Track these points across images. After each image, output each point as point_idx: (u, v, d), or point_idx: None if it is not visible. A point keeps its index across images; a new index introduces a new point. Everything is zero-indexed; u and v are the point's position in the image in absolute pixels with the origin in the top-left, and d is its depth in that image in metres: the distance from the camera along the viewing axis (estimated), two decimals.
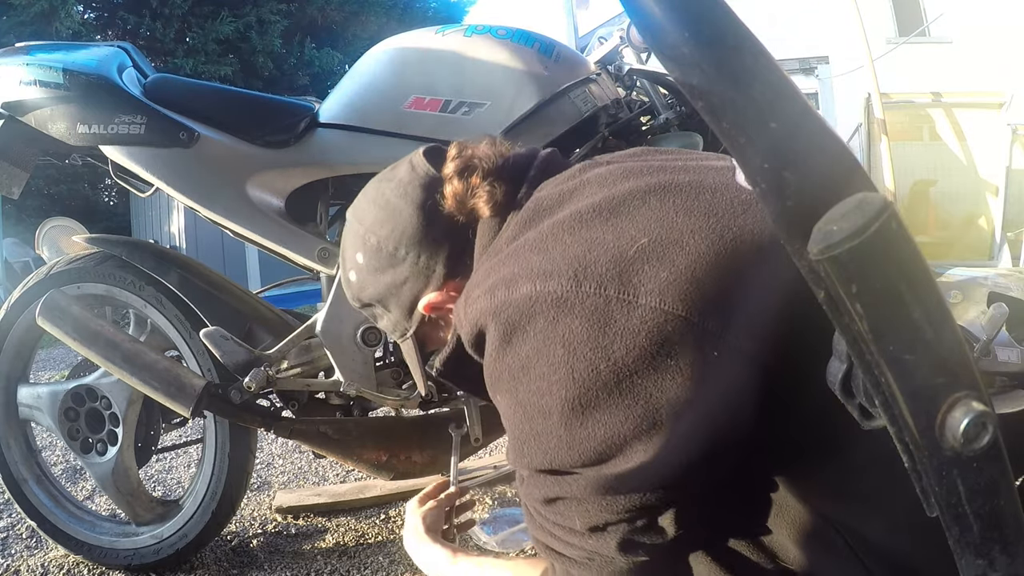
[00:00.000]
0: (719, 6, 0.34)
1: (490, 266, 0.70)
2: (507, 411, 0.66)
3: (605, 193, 0.67)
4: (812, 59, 8.57)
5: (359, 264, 0.83)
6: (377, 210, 0.81)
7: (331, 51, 10.22)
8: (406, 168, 0.81)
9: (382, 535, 1.71)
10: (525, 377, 0.62)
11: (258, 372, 1.33)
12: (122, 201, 9.52)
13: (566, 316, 0.59)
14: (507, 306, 0.62)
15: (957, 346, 0.34)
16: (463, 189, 0.76)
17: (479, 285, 0.68)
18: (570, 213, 0.66)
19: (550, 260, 0.62)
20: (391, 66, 1.42)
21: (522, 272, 0.63)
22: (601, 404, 0.58)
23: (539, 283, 0.61)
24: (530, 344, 0.61)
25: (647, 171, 0.70)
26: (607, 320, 0.57)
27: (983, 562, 0.37)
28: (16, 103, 1.34)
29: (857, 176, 0.34)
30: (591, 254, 0.61)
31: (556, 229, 0.66)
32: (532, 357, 0.61)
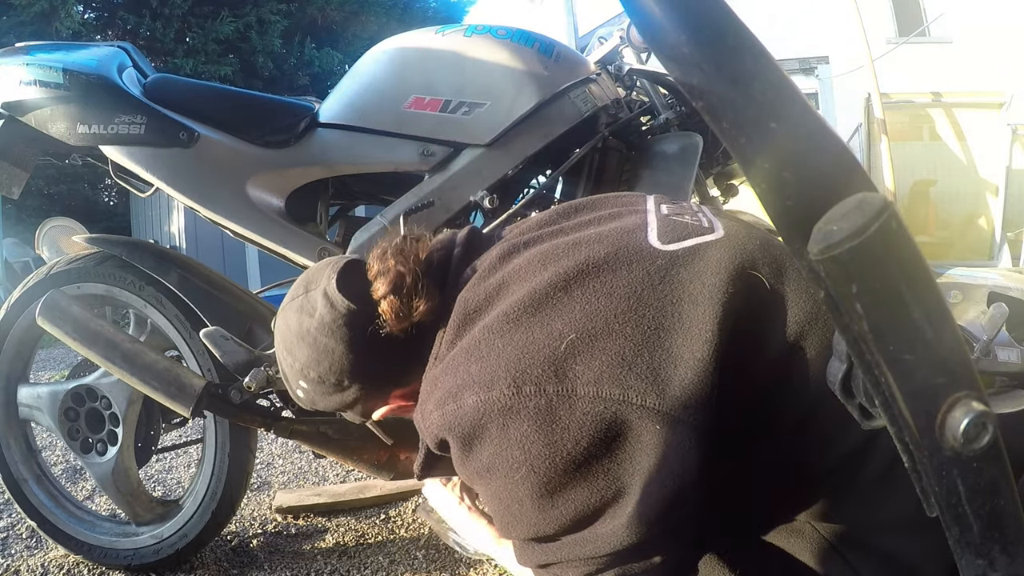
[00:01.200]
0: (719, 6, 0.34)
1: (434, 376, 0.74)
2: (484, 497, 0.72)
3: (528, 288, 0.69)
4: (812, 59, 8.56)
5: (304, 388, 0.85)
6: (308, 349, 0.81)
7: (331, 51, 10.21)
8: (324, 303, 0.79)
9: (382, 535, 1.71)
10: (491, 477, 0.67)
11: (258, 372, 1.33)
12: (122, 201, 9.52)
13: (514, 421, 0.63)
14: (458, 420, 0.67)
15: (957, 346, 0.34)
16: (401, 305, 0.77)
17: (428, 399, 0.72)
18: (498, 315, 0.69)
19: (487, 368, 0.66)
20: (391, 66, 1.42)
21: (464, 383, 0.67)
22: (566, 487, 0.64)
23: (482, 393, 0.65)
24: (488, 450, 0.66)
25: (564, 252, 0.72)
26: (552, 417, 0.62)
27: (983, 562, 0.37)
28: (16, 103, 1.34)
29: (857, 176, 0.34)
30: (525, 357, 0.64)
31: (487, 334, 0.68)
32: (493, 461, 0.66)
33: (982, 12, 7.83)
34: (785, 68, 0.35)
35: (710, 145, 1.50)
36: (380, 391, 0.85)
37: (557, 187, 1.50)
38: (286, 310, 0.85)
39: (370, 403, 0.87)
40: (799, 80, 8.29)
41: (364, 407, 0.87)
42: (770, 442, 0.68)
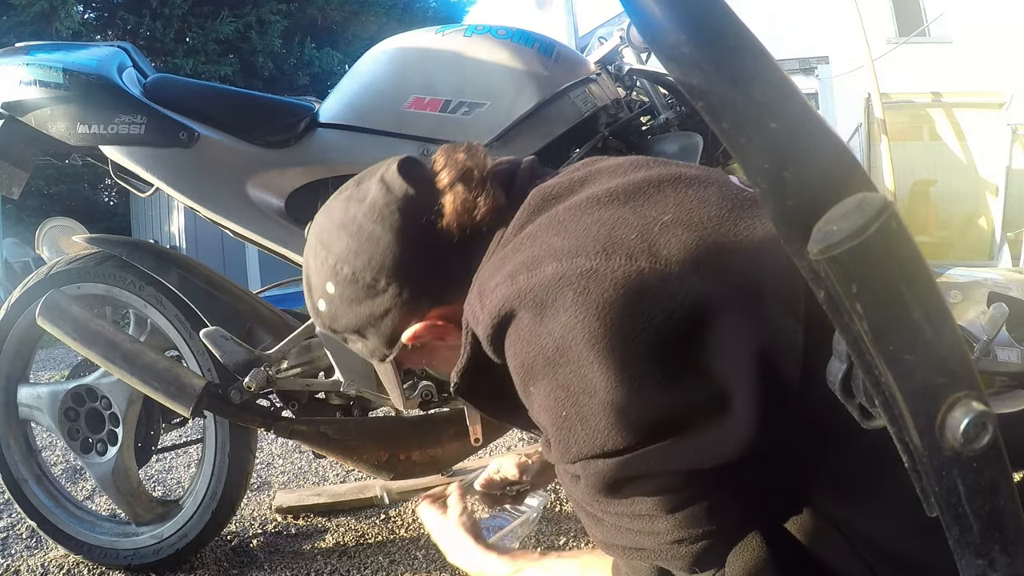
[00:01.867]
0: (719, 6, 0.34)
1: (502, 256, 0.67)
2: (546, 400, 0.62)
3: (619, 180, 0.67)
4: (812, 59, 8.57)
5: (329, 294, 0.75)
6: (348, 237, 0.72)
7: (331, 51, 10.22)
8: (379, 187, 0.72)
9: (382, 535, 1.71)
10: (562, 357, 0.59)
11: (258, 372, 1.33)
12: (122, 201, 9.52)
13: (598, 287, 0.57)
14: (532, 287, 0.60)
15: (957, 346, 0.34)
16: (468, 196, 0.71)
17: (493, 277, 0.65)
18: (586, 196, 0.65)
19: (573, 239, 0.60)
20: (391, 66, 1.42)
21: (543, 254, 0.61)
22: (648, 374, 0.57)
23: (565, 261, 0.59)
24: (563, 321, 0.58)
25: (655, 164, 0.71)
26: (642, 288, 0.56)
27: (983, 562, 0.37)
28: (16, 103, 1.34)
29: (857, 176, 0.34)
30: (616, 231, 0.60)
31: (573, 211, 0.64)
32: (567, 335, 0.58)
33: (982, 12, 7.84)
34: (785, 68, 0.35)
35: (710, 145, 1.50)
36: (417, 303, 0.73)
37: None
38: (329, 204, 0.77)
39: (402, 318, 0.74)
40: (799, 80, 8.29)
41: (394, 323, 0.74)
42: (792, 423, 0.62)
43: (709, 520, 0.62)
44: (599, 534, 0.68)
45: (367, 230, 0.71)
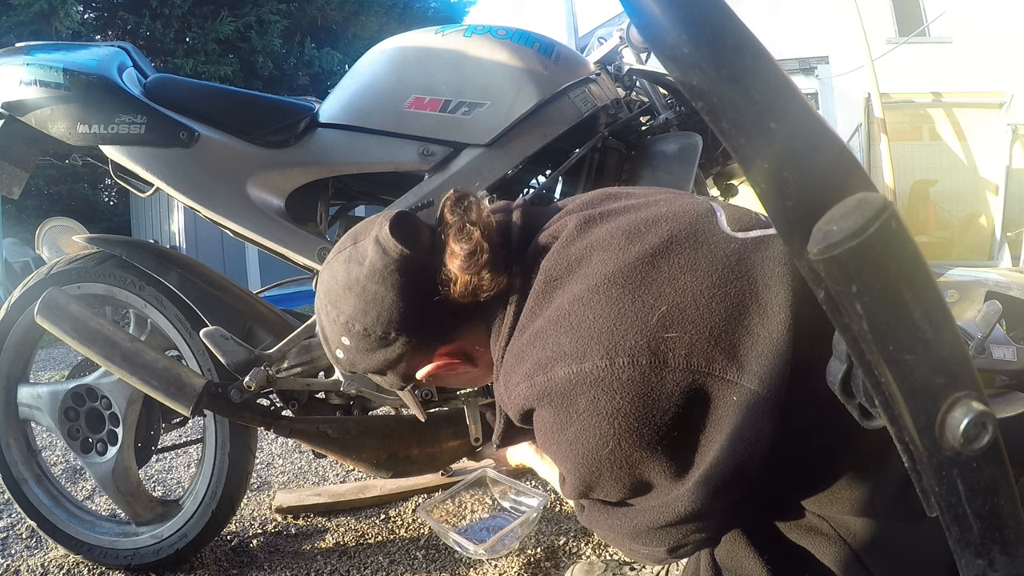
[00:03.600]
0: (719, 6, 0.34)
1: (519, 348, 0.74)
2: (562, 465, 0.74)
3: (616, 263, 0.71)
4: (812, 59, 8.56)
5: (346, 346, 0.83)
6: (355, 298, 0.79)
7: (331, 51, 10.22)
8: (375, 250, 0.78)
9: (382, 535, 1.71)
10: (573, 452, 0.69)
11: (258, 371, 1.33)
12: (122, 201, 9.52)
13: (606, 393, 0.64)
14: (547, 391, 0.68)
15: (957, 346, 0.34)
16: (476, 284, 0.78)
17: (515, 370, 0.73)
18: (587, 288, 0.70)
19: (578, 339, 0.67)
20: (391, 66, 1.42)
21: (554, 355, 0.68)
22: (647, 459, 0.66)
23: (574, 364, 0.66)
24: (577, 424, 0.67)
25: (647, 227, 0.74)
26: (645, 390, 0.64)
27: (983, 562, 0.37)
28: (16, 103, 1.34)
29: (857, 176, 0.34)
30: (618, 328, 0.66)
31: (577, 305, 0.69)
32: (580, 434, 0.67)
33: (982, 12, 7.83)
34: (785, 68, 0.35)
35: (709, 145, 1.50)
36: (426, 347, 0.83)
37: (557, 187, 1.51)
38: (331, 263, 0.84)
39: (415, 360, 0.84)
40: (799, 80, 8.29)
41: (408, 365, 0.84)
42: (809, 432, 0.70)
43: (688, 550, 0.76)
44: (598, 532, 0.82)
45: (370, 291, 0.78)
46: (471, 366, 0.86)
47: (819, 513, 0.74)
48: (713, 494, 0.66)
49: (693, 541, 0.74)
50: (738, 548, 0.76)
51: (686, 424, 0.65)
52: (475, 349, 0.85)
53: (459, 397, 1.45)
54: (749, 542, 0.76)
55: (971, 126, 8.10)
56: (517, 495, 1.67)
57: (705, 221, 0.74)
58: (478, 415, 1.44)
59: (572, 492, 0.76)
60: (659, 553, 0.75)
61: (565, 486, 0.77)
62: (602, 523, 0.77)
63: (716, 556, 0.78)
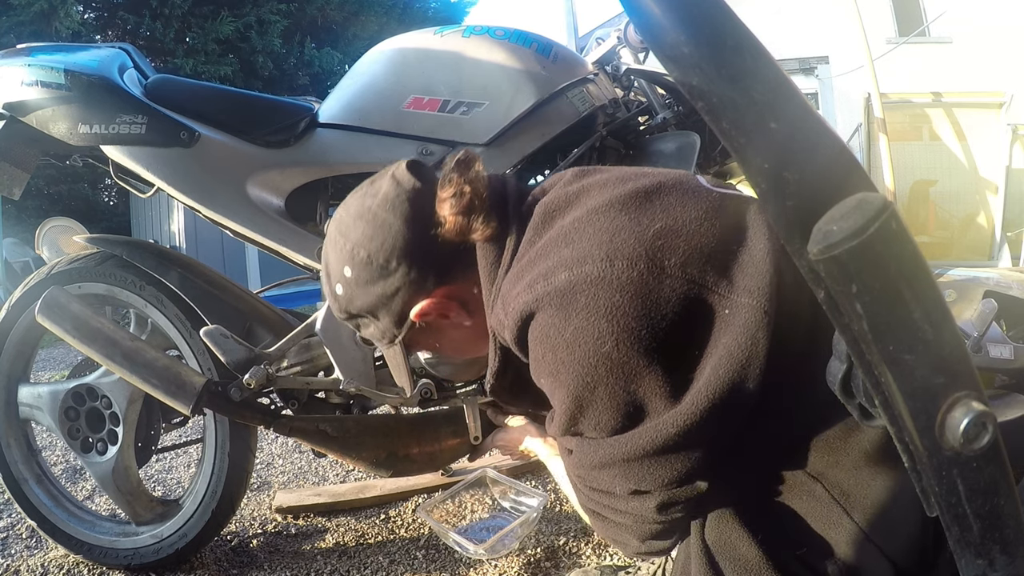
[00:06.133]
0: (719, 6, 0.34)
1: (519, 270, 0.77)
2: (553, 386, 0.74)
3: (612, 192, 0.76)
4: (812, 59, 8.57)
5: (347, 278, 0.85)
6: (364, 224, 0.83)
7: (331, 51, 10.22)
8: (390, 182, 0.83)
9: (382, 535, 1.71)
10: (570, 357, 0.69)
11: (258, 370, 1.33)
12: (122, 201, 9.52)
13: (605, 291, 0.67)
14: (549, 293, 0.70)
15: (957, 346, 0.34)
16: (465, 223, 0.80)
17: (514, 287, 0.75)
18: (586, 211, 0.74)
19: (579, 248, 0.70)
20: (390, 66, 1.42)
21: (556, 264, 0.71)
22: (643, 370, 0.67)
23: (575, 268, 0.69)
24: (575, 322, 0.68)
25: (639, 175, 0.80)
26: (643, 290, 0.66)
27: (983, 562, 0.37)
28: (17, 104, 1.34)
29: (857, 176, 0.34)
30: (617, 238, 0.69)
31: (577, 224, 0.73)
32: (578, 335, 0.68)
33: (982, 12, 7.83)
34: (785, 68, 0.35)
35: (707, 144, 1.50)
36: (423, 281, 0.84)
37: None
38: (347, 201, 0.88)
39: (411, 295, 0.84)
40: (799, 80, 8.29)
41: (404, 301, 0.85)
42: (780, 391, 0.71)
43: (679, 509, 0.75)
44: (580, 499, 0.83)
45: (380, 218, 0.82)
46: (466, 316, 0.87)
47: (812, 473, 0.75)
48: (710, 413, 0.67)
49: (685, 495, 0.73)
50: (729, 529, 0.76)
51: (683, 336, 0.67)
52: (472, 295, 0.86)
53: (458, 396, 1.45)
54: (740, 522, 0.76)
55: (971, 126, 8.10)
56: (517, 495, 1.67)
57: (689, 177, 0.80)
58: (478, 414, 1.44)
59: (561, 421, 0.75)
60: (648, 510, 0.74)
61: (555, 421, 0.77)
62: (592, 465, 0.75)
63: (707, 539, 0.78)
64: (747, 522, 0.76)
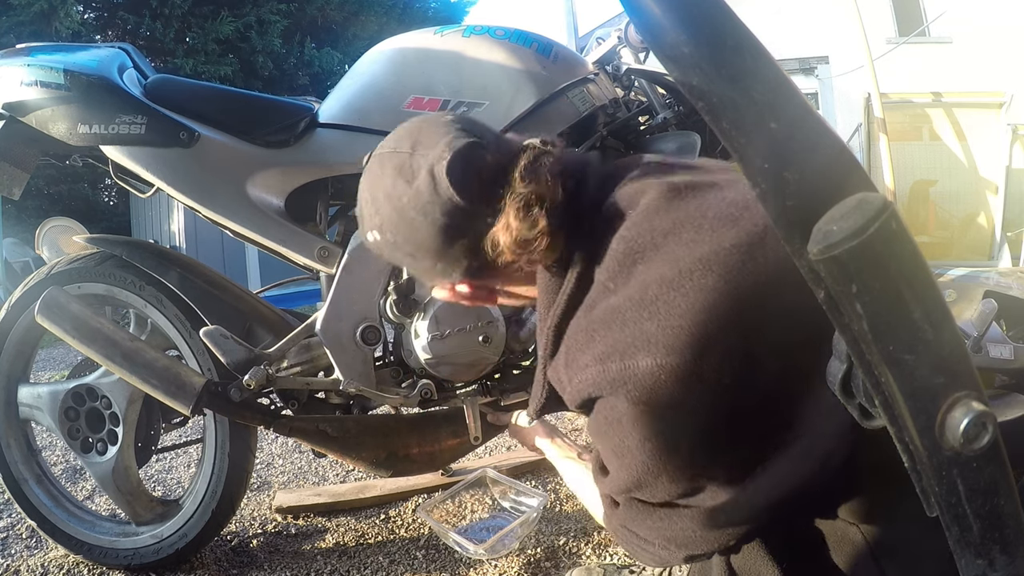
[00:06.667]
0: (719, 6, 0.34)
1: (590, 325, 0.68)
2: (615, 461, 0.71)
3: (710, 246, 0.65)
4: (812, 59, 8.57)
5: (376, 240, 0.81)
6: (393, 211, 0.76)
7: (331, 51, 10.21)
8: (427, 180, 0.73)
9: (382, 535, 1.71)
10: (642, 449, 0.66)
11: (258, 370, 1.33)
12: (122, 201, 9.52)
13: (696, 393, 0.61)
14: (626, 380, 0.63)
15: (957, 346, 0.34)
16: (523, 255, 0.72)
17: (584, 350, 0.68)
18: (678, 272, 0.64)
19: (667, 331, 0.62)
20: (390, 66, 1.42)
21: (638, 342, 0.63)
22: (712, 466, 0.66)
23: (660, 357, 0.61)
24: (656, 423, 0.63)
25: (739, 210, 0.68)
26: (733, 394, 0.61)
27: (983, 562, 0.37)
28: (17, 104, 1.34)
29: (857, 176, 0.34)
30: (712, 326, 0.61)
31: (666, 291, 0.63)
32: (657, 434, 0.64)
33: (982, 12, 7.83)
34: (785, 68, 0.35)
35: (707, 144, 1.50)
36: (449, 276, 0.80)
37: None
38: (383, 159, 0.78)
39: (436, 279, 0.83)
40: (799, 80, 8.29)
41: (428, 279, 0.85)
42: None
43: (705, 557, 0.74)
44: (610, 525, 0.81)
45: (409, 216, 0.74)
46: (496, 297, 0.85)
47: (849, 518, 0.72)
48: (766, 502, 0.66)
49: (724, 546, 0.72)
50: (755, 556, 0.74)
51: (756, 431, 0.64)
52: (507, 293, 0.83)
53: (458, 396, 1.45)
54: (766, 549, 0.74)
55: (971, 126, 8.10)
56: (517, 495, 1.67)
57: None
58: (477, 414, 1.44)
59: (616, 488, 0.72)
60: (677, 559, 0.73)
61: (607, 480, 0.74)
62: (639, 524, 0.73)
63: (733, 563, 0.76)
64: (773, 550, 0.73)
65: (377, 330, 1.36)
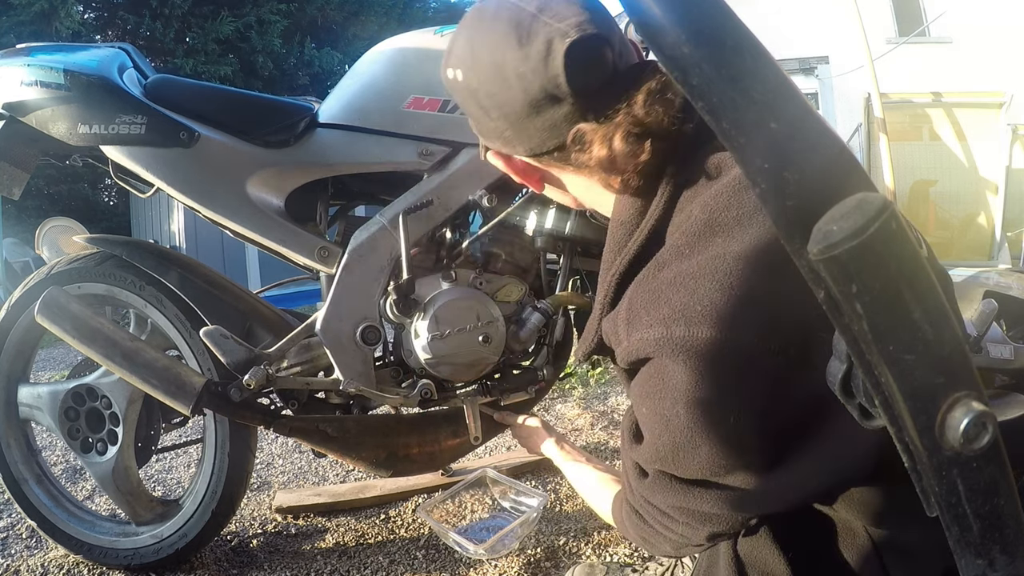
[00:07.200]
0: (719, 6, 0.34)
1: (658, 286, 0.68)
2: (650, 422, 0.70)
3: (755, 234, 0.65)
4: (812, 59, 8.58)
5: (450, 79, 0.79)
6: (491, 66, 0.72)
7: (331, 51, 10.22)
8: (540, 51, 0.68)
9: (382, 535, 1.71)
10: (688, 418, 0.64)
11: (258, 370, 1.33)
12: (122, 201, 9.52)
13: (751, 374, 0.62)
14: (687, 347, 0.63)
15: (957, 346, 0.34)
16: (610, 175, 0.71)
17: (648, 310, 0.67)
18: (756, 248, 0.64)
19: (736, 305, 0.62)
20: (390, 66, 1.42)
21: (705, 311, 0.62)
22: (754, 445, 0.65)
23: (726, 330, 0.61)
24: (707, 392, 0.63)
25: None
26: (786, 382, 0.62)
27: (983, 562, 0.37)
28: (17, 104, 1.34)
29: (857, 176, 0.34)
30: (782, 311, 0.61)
31: (741, 264, 0.63)
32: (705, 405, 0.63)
33: (982, 12, 7.84)
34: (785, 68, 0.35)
35: None
36: (512, 147, 0.78)
37: None
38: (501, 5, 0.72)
39: (498, 144, 0.79)
40: (799, 80, 8.29)
41: (490, 141, 0.81)
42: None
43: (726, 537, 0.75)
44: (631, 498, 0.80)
45: (505, 74, 0.71)
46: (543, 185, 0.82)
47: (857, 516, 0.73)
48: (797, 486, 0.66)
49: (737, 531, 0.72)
50: (762, 544, 0.74)
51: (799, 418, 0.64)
52: (560, 187, 0.80)
53: (458, 396, 1.45)
54: (773, 538, 0.74)
55: (971, 126, 8.10)
56: (517, 495, 1.68)
57: None
58: (477, 414, 1.44)
59: (649, 456, 0.71)
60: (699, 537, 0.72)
61: (640, 448, 0.72)
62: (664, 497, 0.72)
63: (739, 551, 0.76)
64: (779, 539, 0.74)
65: (377, 330, 1.36)
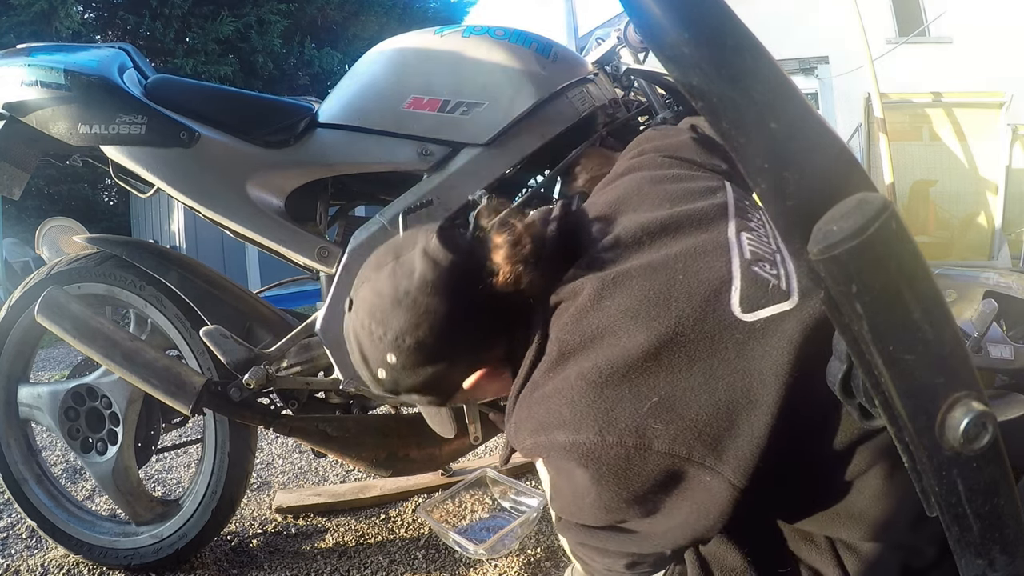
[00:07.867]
0: (719, 6, 0.34)
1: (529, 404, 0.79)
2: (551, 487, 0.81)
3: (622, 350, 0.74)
4: (812, 59, 8.57)
5: (391, 364, 0.84)
6: (405, 312, 0.80)
7: (331, 51, 10.21)
8: (424, 262, 0.80)
9: (382, 535, 1.71)
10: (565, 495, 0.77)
11: (258, 370, 1.33)
12: (122, 201, 9.51)
13: (593, 463, 0.71)
14: (548, 450, 0.76)
15: (957, 346, 0.34)
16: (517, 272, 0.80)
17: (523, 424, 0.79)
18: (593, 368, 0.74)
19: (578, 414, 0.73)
20: (390, 66, 1.42)
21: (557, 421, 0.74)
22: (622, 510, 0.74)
23: (570, 435, 0.73)
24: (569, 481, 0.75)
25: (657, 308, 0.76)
26: (627, 465, 0.70)
27: (983, 562, 0.37)
28: (17, 104, 1.34)
29: (857, 176, 0.34)
30: (613, 412, 0.71)
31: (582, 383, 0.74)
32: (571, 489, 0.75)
33: (982, 12, 7.84)
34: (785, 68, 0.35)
35: None
36: (476, 357, 0.86)
37: (555, 186, 1.51)
38: (371, 280, 0.84)
39: (464, 371, 0.87)
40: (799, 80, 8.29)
41: (456, 378, 0.87)
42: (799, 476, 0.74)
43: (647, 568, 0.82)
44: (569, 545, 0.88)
45: (422, 303, 0.79)
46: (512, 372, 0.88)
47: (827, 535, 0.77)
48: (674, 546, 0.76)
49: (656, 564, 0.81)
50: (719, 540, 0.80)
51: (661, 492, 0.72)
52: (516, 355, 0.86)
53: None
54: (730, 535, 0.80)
55: (971, 126, 8.08)
56: (517, 495, 1.67)
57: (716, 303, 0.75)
58: (477, 414, 1.44)
59: (557, 512, 0.83)
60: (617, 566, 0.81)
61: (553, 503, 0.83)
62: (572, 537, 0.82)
63: (701, 549, 0.83)
64: (736, 536, 0.80)
65: None
